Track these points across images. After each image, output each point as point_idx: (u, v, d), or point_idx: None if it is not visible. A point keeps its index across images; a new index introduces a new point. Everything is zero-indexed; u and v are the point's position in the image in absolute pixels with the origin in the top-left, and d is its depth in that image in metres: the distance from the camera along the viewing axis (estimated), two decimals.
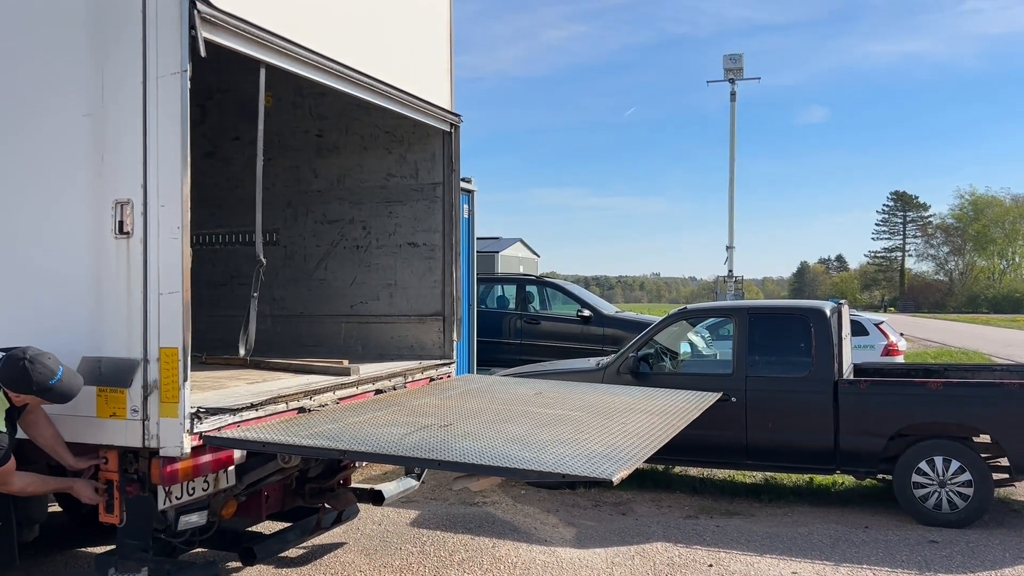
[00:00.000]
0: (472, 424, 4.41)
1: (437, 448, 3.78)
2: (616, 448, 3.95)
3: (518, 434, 4.20)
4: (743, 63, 33.19)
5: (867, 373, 8.33)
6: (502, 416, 4.74)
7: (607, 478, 3.36)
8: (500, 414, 4.81)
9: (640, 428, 4.62)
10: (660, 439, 4.31)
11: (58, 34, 3.97)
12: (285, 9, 4.35)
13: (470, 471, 3.59)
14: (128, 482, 3.85)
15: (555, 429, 4.38)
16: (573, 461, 3.62)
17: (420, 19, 5.86)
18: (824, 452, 7.14)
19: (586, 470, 3.48)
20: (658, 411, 5.27)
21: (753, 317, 7.69)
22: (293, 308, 6.97)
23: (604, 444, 4.04)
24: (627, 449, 3.95)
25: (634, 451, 3.90)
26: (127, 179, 3.76)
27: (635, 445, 4.06)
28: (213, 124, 7.18)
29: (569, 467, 3.51)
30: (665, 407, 5.45)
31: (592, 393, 5.98)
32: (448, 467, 3.60)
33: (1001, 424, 6.69)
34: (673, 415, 5.15)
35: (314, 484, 5.15)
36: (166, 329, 3.69)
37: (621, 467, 3.51)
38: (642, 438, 4.29)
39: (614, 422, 4.75)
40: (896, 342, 13.43)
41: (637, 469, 8.68)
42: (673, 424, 4.82)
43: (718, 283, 34.66)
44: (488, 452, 3.73)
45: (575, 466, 3.53)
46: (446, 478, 8.26)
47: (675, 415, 5.15)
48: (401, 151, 6.53)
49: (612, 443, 4.08)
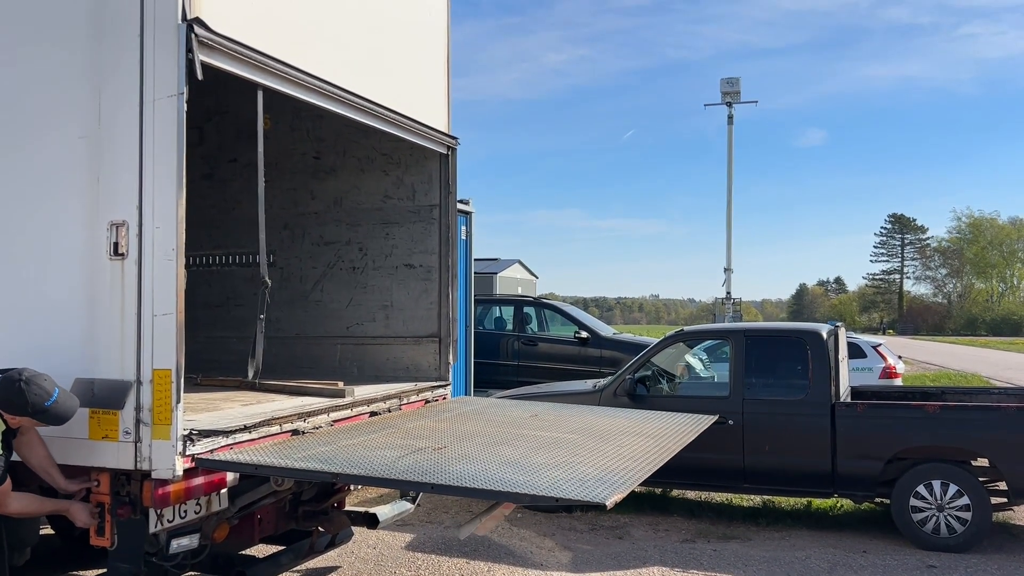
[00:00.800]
0: (466, 447, 4.39)
1: (431, 471, 3.76)
2: (610, 471, 3.93)
3: (512, 457, 4.18)
4: (740, 87, 33.43)
5: (865, 396, 8.31)
6: (497, 439, 4.72)
7: (601, 502, 3.35)
8: (495, 437, 4.79)
9: (635, 451, 4.60)
10: (655, 462, 4.29)
11: (55, 56, 3.99)
12: (283, 32, 4.38)
13: (463, 495, 3.57)
14: (120, 505, 3.82)
15: (550, 452, 4.36)
16: (567, 485, 3.60)
17: (418, 42, 5.90)
18: (822, 475, 7.10)
19: (580, 494, 3.46)
20: (654, 434, 5.25)
21: (750, 340, 7.68)
22: (289, 330, 6.96)
23: (598, 467, 4.02)
24: (621, 472, 3.93)
25: (629, 474, 3.88)
26: (122, 201, 3.77)
27: (630, 468, 4.04)
28: (211, 146, 7.21)
29: (563, 491, 3.49)
30: (661, 430, 5.43)
31: (588, 416, 5.96)
32: (441, 491, 3.58)
33: (999, 448, 6.67)
34: (669, 438, 5.13)
35: (308, 507, 5.12)
36: (159, 351, 3.68)
37: (615, 491, 3.49)
38: (637, 461, 4.27)
39: (609, 445, 4.73)
40: (894, 365, 13.41)
41: (633, 492, 8.62)
42: (668, 447, 4.80)
43: (717, 305, 34.67)
44: (482, 476, 3.71)
45: (569, 490, 3.51)
46: (442, 501, 8.21)
47: (671, 438, 5.13)
48: (398, 173, 6.55)
49: (607, 466, 4.06)
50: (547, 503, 3.44)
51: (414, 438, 4.57)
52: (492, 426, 5.20)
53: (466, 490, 3.53)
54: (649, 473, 4.04)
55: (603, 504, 3.33)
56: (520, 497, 3.53)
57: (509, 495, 3.54)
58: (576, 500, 3.39)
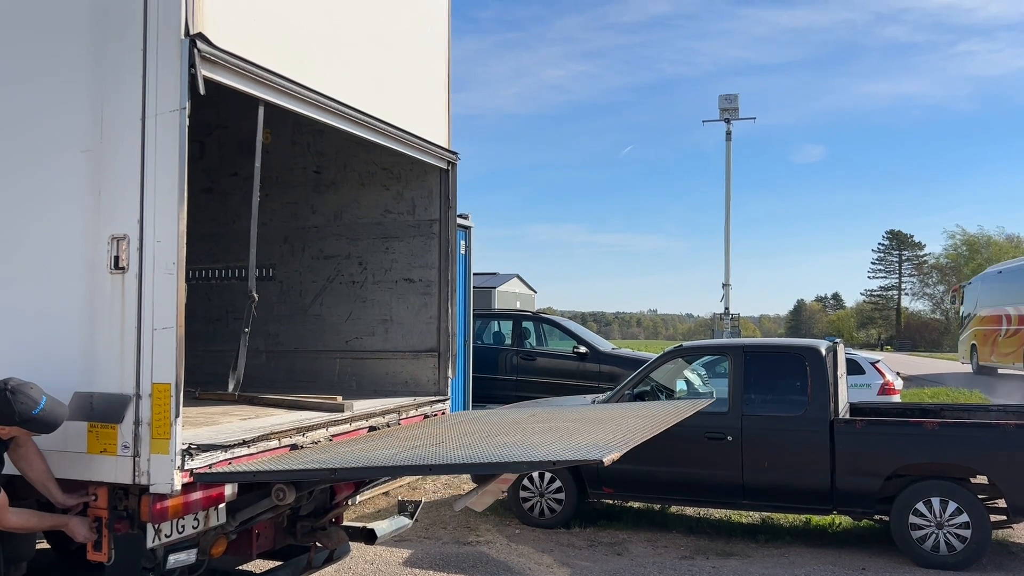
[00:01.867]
0: (465, 440, 4.41)
1: (428, 459, 3.77)
2: (606, 440, 3.93)
3: (510, 442, 4.19)
4: (739, 103, 33.60)
5: (863, 412, 8.30)
6: (494, 431, 4.74)
7: (597, 459, 3.32)
8: (493, 431, 4.80)
9: (631, 427, 4.59)
10: (651, 432, 4.26)
11: (58, 69, 4.00)
12: (284, 47, 4.40)
13: (459, 472, 3.55)
14: (117, 519, 3.80)
15: (547, 436, 4.38)
16: (563, 452, 3.60)
17: (419, 58, 5.93)
18: (820, 492, 7.09)
19: (576, 456, 3.45)
20: (649, 415, 5.24)
21: (749, 355, 7.68)
22: (288, 344, 6.95)
23: (595, 438, 4.03)
24: (617, 440, 3.90)
25: (624, 441, 3.85)
26: (124, 215, 3.77)
27: (625, 438, 4.01)
28: (212, 160, 7.23)
29: (559, 456, 3.47)
30: (656, 412, 5.43)
31: (585, 410, 6.00)
32: (438, 471, 3.54)
33: (998, 465, 6.66)
34: (664, 416, 5.08)
35: (306, 522, 5.10)
36: (159, 364, 3.68)
37: (611, 452, 3.45)
38: (632, 432, 4.24)
39: (606, 425, 4.74)
40: (892, 381, 13.41)
41: (632, 508, 8.58)
42: (664, 422, 4.74)
43: (715, 320, 34.69)
44: (479, 456, 3.72)
45: (565, 455, 3.49)
46: (440, 517, 8.19)
47: (666, 416, 5.09)
48: (398, 188, 6.56)
49: (603, 437, 4.08)
50: (544, 468, 3.43)
51: (412, 440, 4.57)
52: (490, 425, 5.20)
53: (463, 466, 3.51)
54: (645, 438, 4.01)
55: (600, 460, 3.30)
56: (518, 466, 3.50)
57: (506, 464, 3.52)
58: (572, 460, 3.38)
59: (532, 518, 8.01)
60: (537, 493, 8.03)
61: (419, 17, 5.94)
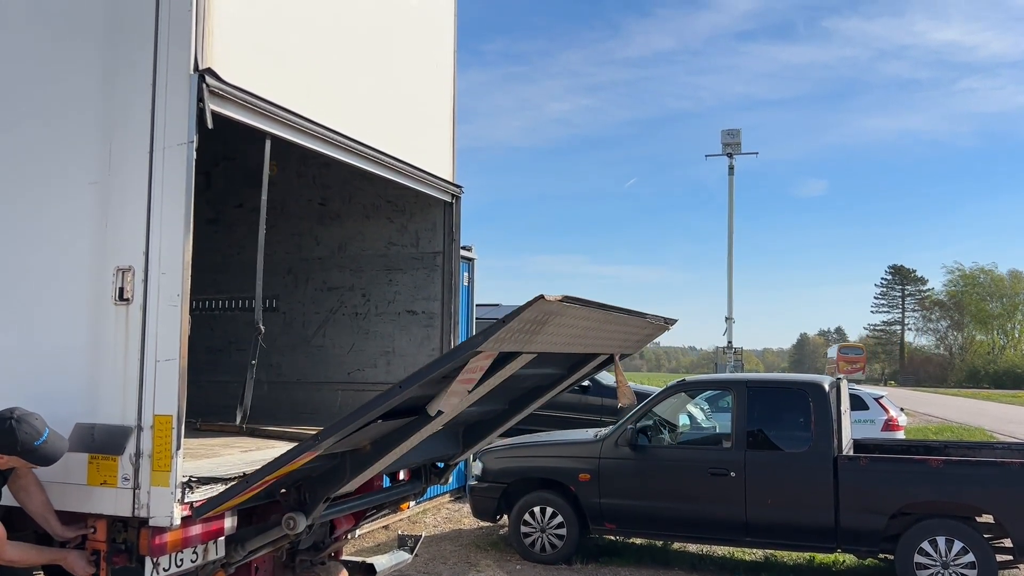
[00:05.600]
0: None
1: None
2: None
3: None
4: (741, 138, 33.78)
5: (867, 449, 8.25)
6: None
7: (537, 297, 3.29)
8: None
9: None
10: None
11: (69, 102, 4.05)
12: (291, 82, 4.45)
13: (431, 372, 3.46)
14: (115, 552, 3.77)
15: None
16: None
17: (424, 92, 5.99)
18: (824, 530, 7.02)
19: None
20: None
21: (752, 391, 7.66)
22: (290, 375, 6.94)
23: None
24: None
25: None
26: (129, 246, 3.79)
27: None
28: (217, 191, 7.27)
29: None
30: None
31: None
32: (411, 381, 3.46)
33: (1004, 504, 6.60)
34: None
35: (304, 556, 5.06)
36: (161, 396, 3.67)
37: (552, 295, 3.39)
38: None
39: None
40: (896, 417, 13.34)
41: (634, 545, 8.49)
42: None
43: (718, 354, 34.59)
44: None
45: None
46: (440, 551, 8.11)
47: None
48: (402, 220, 6.59)
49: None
50: (498, 326, 3.32)
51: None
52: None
53: (431, 366, 3.46)
54: (594, 304, 3.84)
55: (540, 296, 3.29)
56: (482, 342, 3.39)
57: (472, 343, 3.43)
58: (520, 306, 3.33)
59: (533, 553, 7.93)
60: (538, 528, 7.96)
61: (425, 52, 6.01)
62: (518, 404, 5.18)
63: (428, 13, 5.97)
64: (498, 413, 5.22)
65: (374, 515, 5.65)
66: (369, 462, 4.09)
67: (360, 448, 4.09)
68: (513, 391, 4.97)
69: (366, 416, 3.56)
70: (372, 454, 4.09)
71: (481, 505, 8.46)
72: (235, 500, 3.70)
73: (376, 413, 3.57)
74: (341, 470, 4.11)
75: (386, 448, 4.06)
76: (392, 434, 4.05)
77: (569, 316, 3.75)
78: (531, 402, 5.15)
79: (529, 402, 5.16)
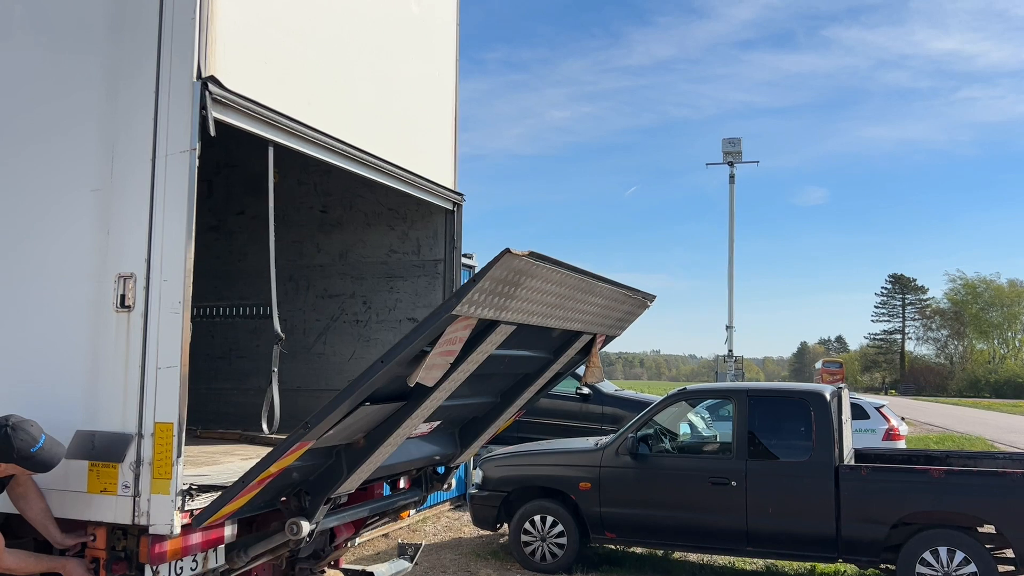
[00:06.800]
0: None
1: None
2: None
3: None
4: (742, 147, 33.90)
5: (869, 459, 8.24)
6: None
7: (503, 251, 3.28)
8: None
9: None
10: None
11: (71, 110, 4.05)
12: (293, 90, 4.45)
13: (412, 340, 3.45)
14: (115, 560, 3.76)
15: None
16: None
17: (426, 100, 5.99)
18: (826, 540, 7.00)
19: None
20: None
21: (753, 400, 7.64)
22: (291, 383, 6.92)
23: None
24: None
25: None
26: (131, 253, 3.79)
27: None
28: (219, 198, 7.27)
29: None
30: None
31: None
32: (392, 353, 3.46)
33: (1005, 515, 6.58)
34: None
35: (304, 565, 5.04)
36: (162, 404, 3.66)
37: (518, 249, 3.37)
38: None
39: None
40: (897, 426, 13.32)
41: (635, 554, 8.46)
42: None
43: (718, 362, 34.59)
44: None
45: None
46: (439, 560, 8.09)
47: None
48: (404, 228, 6.59)
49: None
50: (469, 285, 3.31)
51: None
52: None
53: (410, 335, 3.46)
54: (566, 265, 3.80)
55: (506, 250, 3.28)
56: (455, 304, 3.36)
57: (447, 306, 3.40)
58: (488, 263, 3.30)
59: (534, 563, 7.91)
60: (539, 538, 7.94)
61: (427, 60, 6.02)
62: (509, 396, 5.16)
63: (430, 21, 5.99)
64: (491, 407, 5.20)
65: (374, 523, 5.64)
66: (364, 456, 4.06)
67: (354, 443, 4.07)
68: (502, 380, 4.96)
69: (353, 395, 3.55)
70: (366, 448, 4.06)
71: (481, 514, 8.44)
72: (235, 503, 3.68)
73: (363, 392, 3.56)
74: (338, 468, 4.09)
75: (379, 440, 4.04)
76: (384, 424, 4.03)
77: (541, 279, 3.73)
78: (521, 392, 5.13)
79: (519, 392, 5.13)
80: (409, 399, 3.99)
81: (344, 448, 4.07)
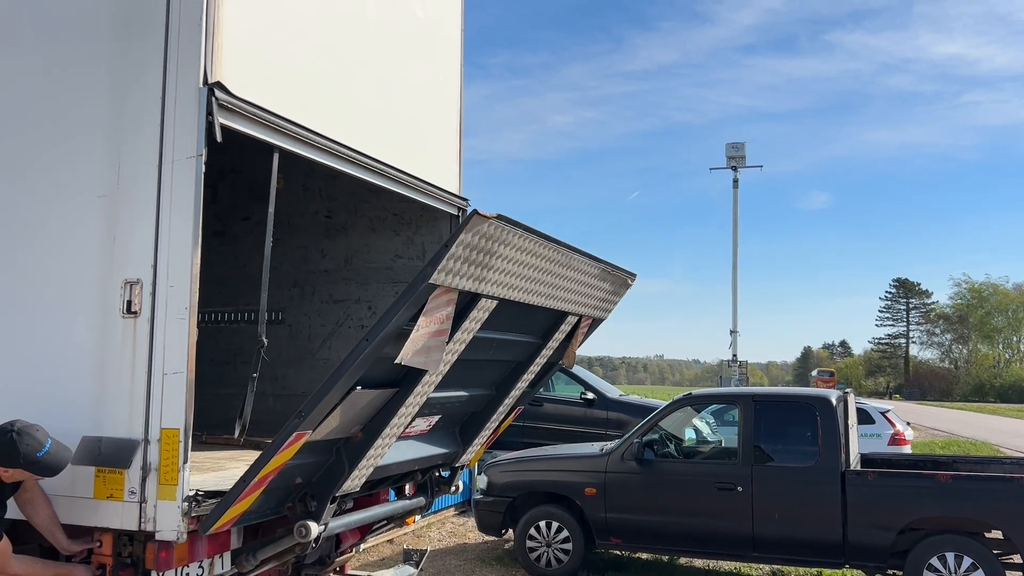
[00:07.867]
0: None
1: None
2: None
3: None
4: (745, 151, 33.86)
5: (875, 464, 8.20)
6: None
7: (472, 211, 3.33)
8: None
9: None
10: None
11: (78, 116, 4.06)
12: (299, 95, 4.46)
13: (395, 312, 3.46)
14: (121, 567, 3.75)
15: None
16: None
17: (431, 106, 6.00)
18: (832, 545, 6.97)
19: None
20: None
21: (759, 405, 7.62)
22: (295, 388, 6.92)
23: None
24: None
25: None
26: (138, 259, 3.79)
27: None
28: (224, 204, 7.28)
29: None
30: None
31: None
32: (377, 329, 3.47)
33: (1013, 520, 6.55)
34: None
35: (310, 571, 5.03)
36: (168, 409, 3.66)
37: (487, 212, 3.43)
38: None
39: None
40: (903, 431, 13.28)
41: (640, 560, 8.43)
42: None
43: (722, 367, 34.54)
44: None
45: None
46: (445, 566, 8.07)
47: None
48: (409, 233, 6.59)
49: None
50: (442, 252, 3.32)
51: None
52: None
53: (392, 308, 3.48)
54: (536, 232, 3.80)
55: (475, 211, 3.33)
56: (431, 273, 3.37)
57: (423, 275, 3.42)
58: (458, 228, 3.34)
59: (539, 568, 7.88)
60: (544, 543, 7.92)
61: (432, 66, 6.03)
62: (503, 388, 5.15)
63: (434, 27, 5.99)
64: (487, 400, 5.19)
65: (379, 529, 5.62)
66: (363, 449, 4.05)
67: (352, 436, 4.06)
68: (493, 370, 4.96)
69: (343, 377, 3.55)
70: (365, 440, 4.06)
71: (486, 519, 8.42)
72: (238, 504, 3.67)
73: (353, 373, 3.56)
74: (339, 465, 4.08)
75: (377, 430, 4.04)
76: (380, 414, 4.03)
77: (514, 248, 3.75)
78: (515, 382, 5.12)
79: (513, 383, 5.12)
80: (401, 385, 3.99)
81: (343, 443, 4.07)
